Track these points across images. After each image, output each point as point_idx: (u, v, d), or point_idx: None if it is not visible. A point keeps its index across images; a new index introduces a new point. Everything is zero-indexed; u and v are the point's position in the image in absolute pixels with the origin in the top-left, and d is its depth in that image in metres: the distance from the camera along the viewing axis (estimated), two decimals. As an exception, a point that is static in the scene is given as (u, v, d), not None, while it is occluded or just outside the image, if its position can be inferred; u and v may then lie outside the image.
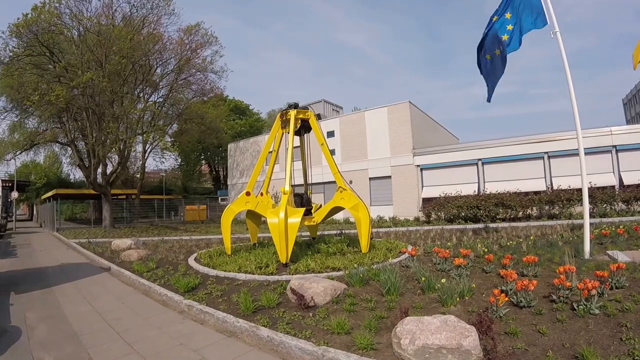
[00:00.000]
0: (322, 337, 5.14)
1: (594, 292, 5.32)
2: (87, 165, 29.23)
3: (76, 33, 25.71)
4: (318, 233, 15.49)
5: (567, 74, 8.66)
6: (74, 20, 25.09)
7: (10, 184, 39.47)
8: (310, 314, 6.09)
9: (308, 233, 15.34)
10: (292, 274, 8.58)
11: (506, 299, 5.43)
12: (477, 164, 25.46)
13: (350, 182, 24.96)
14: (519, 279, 6.20)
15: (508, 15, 9.75)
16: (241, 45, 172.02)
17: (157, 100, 33.41)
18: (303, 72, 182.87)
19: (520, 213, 21.23)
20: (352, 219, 25.35)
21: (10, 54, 23.82)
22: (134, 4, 27.20)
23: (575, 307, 5.31)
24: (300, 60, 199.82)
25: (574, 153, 21.00)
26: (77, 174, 52.61)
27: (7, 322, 7.03)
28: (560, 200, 20.22)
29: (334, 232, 18.00)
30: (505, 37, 9.76)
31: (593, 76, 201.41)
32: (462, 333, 4.16)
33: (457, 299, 6.01)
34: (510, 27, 9.69)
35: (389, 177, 28.61)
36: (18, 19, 22.68)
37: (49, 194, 36.90)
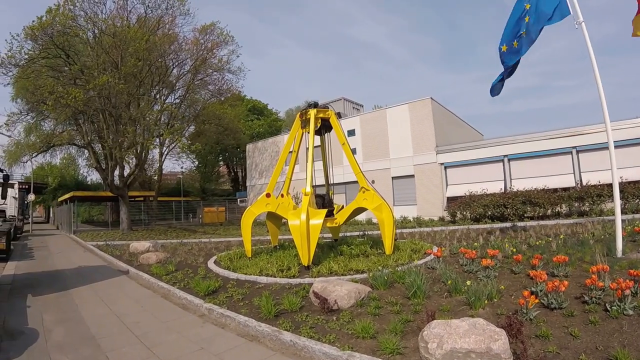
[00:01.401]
0: (346, 342, 5.17)
1: (627, 292, 5.25)
2: (104, 168, 29.72)
3: (91, 35, 26.18)
4: (340, 234, 15.50)
5: (594, 66, 8.47)
6: (88, 22, 25.57)
7: (26, 186, 40.29)
8: (334, 318, 6.11)
9: (330, 235, 15.37)
10: (315, 277, 8.64)
11: (536, 300, 5.40)
12: (502, 160, 25.13)
13: (373, 181, 24.94)
14: (549, 279, 6.13)
15: (527, 6, 9.60)
16: (254, 43, 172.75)
17: (174, 102, 33.83)
18: (319, 70, 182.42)
19: (549, 211, 20.93)
20: (374, 220, 25.28)
21: (26, 56, 24.27)
22: (148, 5, 27.67)
23: (609, 308, 5.24)
24: (315, 57, 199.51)
25: (604, 146, 20.56)
26: (94, 176, 53.60)
27: (24, 324, 7.19)
28: (590, 197, 19.85)
29: (357, 233, 18.00)
30: (523, 33, 9.65)
31: (619, 63, 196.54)
32: (491, 336, 4.15)
33: (486, 301, 5.99)
34: (527, 19, 9.55)
35: (412, 176, 28.44)
36: (33, 21, 23.13)
37: (66, 196, 37.61)
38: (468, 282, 6.41)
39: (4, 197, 10.53)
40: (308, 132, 12.10)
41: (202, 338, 6.14)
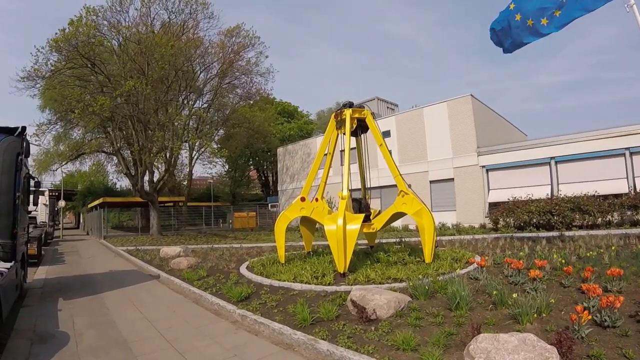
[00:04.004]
0: (386, 353, 5.14)
1: (689, 311, 5.08)
2: (133, 174, 30.46)
3: (116, 43, 27.04)
4: (376, 241, 15.44)
5: None
6: (112, 31, 26.40)
7: (56, 194, 41.71)
8: (372, 328, 6.10)
9: (365, 241, 15.31)
10: (351, 285, 8.64)
11: (589, 317, 5.22)
12: (549, 163, 24.42)
13: (409, 185, 24.74)
14: (603, 294, 5.98)
15: None
16: (282, 44, 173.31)
17: (202, 106, 34.55)
18: (350, 69, 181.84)
19: (599, 219, 20.22)
20: (411, 226, 25.12)
21: (52, 68, 25.08)
22: (172, 10, 28.35)
23: (667, 329, 5.07)
24: (347, 57, 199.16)
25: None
26: (123, 182, 54.93)
27: (55, 327, 7.44)
28: (644, 205, 19.19)
29: (393, 240, 17.89)
30: (557, 13, 9.46)
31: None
32: (542, 354, 4.05)
33: (534, 315, 5.85)
34: None
35: (452, 179, 28.06)
36: (56, 33, 23.86)
37: (96, 202, 38.65)
38: (514, 295, 6.29)
39: (36, 203, 10.88)
40: (343, 134, 12.08)
41: (235, 345, 6.21)
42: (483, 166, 26.83)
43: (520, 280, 8.01)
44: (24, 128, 8.72)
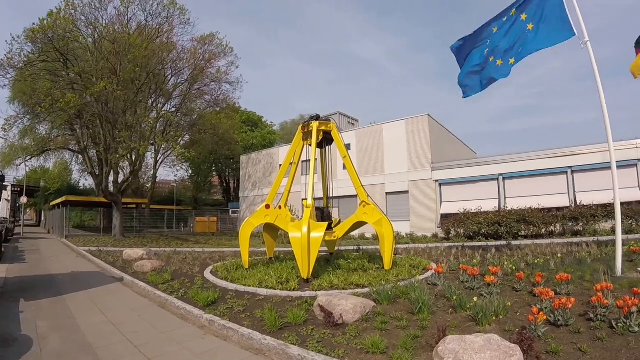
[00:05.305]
0: (356, 357, 5.11)
1: (634, 309, 5.30)
2: (98, 174, 29.62)
3: (91, 40, 26.37)
4: (335, 248, 15.45)
5: (599, 86, 8.61)
6: (89, 27, 25.80)
7: (19, 189, 40.13)
8: (340, 332, 6.04)
9: (325, 248, 15.28)
10: (316, 290, 8.56)
11: (544, 317, 5.40)
12: (497, 179, 25.31)
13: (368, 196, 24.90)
14: (555, 297, 6.17)
15: (530, 26, 9.71)
16: (251, 55, 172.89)
17: (170, 110, 33.88)
18: (316, 84, 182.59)
19: (543, 230, 21.03)
20: (367, 235, 25.27)
21: (25, 59, 24.37)
22: (149, 13, 27.81)
23: (614, 325, 5.30)
24: (313, 72, 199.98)
25: (599, 167, 21.05)
26: (86, 182, 53.46)
27: (18, 331, 7.01)
28: (584, 217, 20.00)
29: (351, 247, 17.96)
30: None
31: (611, 86, 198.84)
32: (506, 352, 4.14)
33: (493, 317, 5.98)
34: (530, 26, 9.66)
35: (407, 192, 28.57)
36: (34, 24, 23.24)
37: (59, 200, 37.38)
38: (475, 299, 6.42)
39: None
40: (309, 145, 12.11)
41: (204, 350, 6.01)
42: (436, 180, 27.47)
43: (475, 286, 8.14)
44: None
